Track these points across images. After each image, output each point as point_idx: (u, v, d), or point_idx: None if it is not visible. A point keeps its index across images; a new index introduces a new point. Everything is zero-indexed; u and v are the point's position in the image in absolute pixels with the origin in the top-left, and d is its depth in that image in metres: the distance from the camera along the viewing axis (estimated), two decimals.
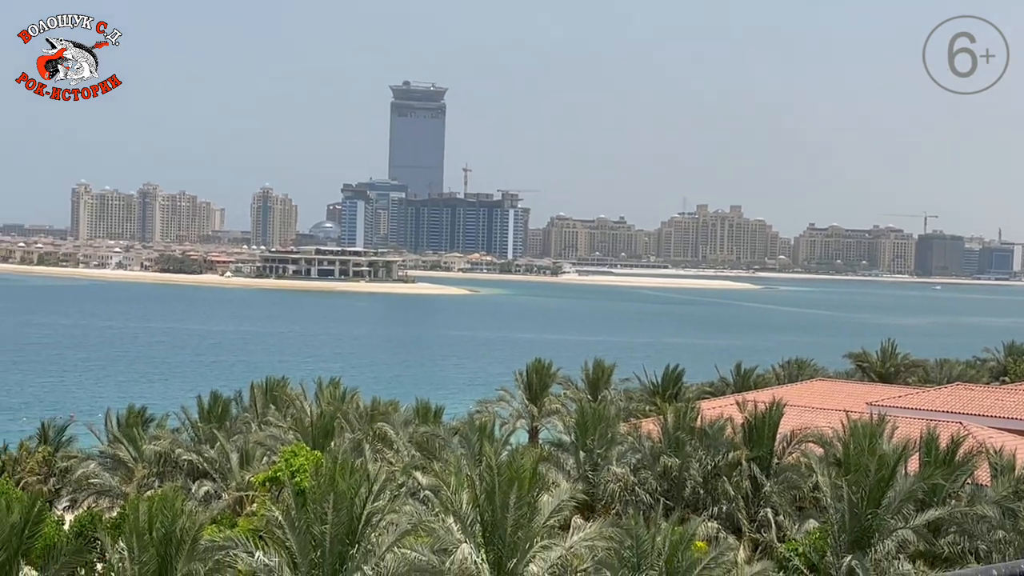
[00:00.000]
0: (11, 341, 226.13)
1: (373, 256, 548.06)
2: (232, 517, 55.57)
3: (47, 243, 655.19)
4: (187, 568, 34.22)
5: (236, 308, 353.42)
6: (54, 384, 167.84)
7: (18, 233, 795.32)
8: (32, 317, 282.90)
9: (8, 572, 30.25)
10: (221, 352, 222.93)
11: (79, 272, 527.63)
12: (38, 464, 72.43)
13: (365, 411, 74.74)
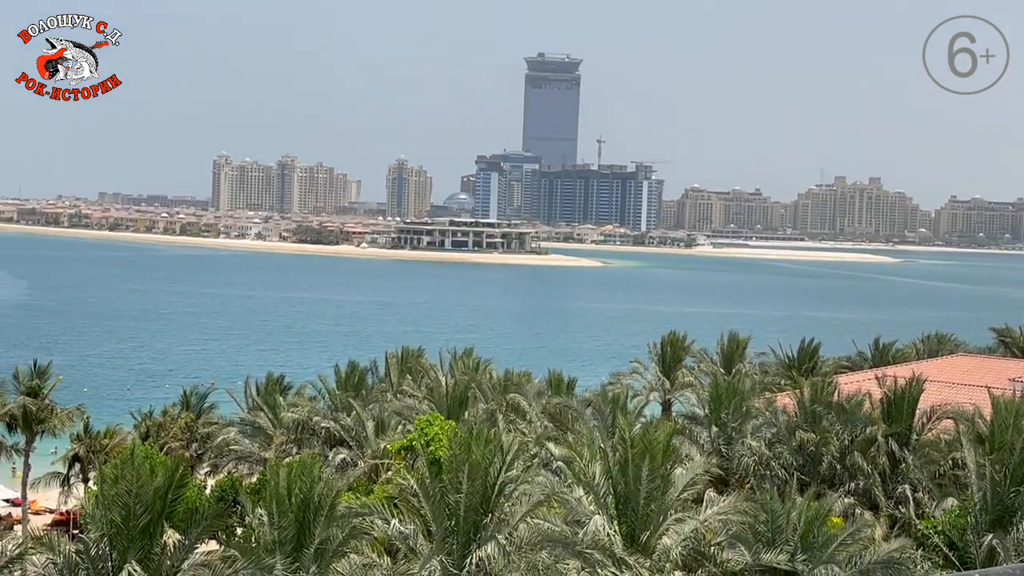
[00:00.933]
0: (155, 310, 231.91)
1: (506, 227, 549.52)
2: (367, 484, 56.31)
3: (189, 214, 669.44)
4: (325, 534, 34.75)
5: (372, 279, 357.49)
6: (196, 352, 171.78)
7: (161, 204, 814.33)
8: (175, 287, 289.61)
9: (152, 534, 31.03)
10: (358, 322, 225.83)
11: (219, 242, 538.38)
12: (181, 430, 74.27)
13: (498, 382, 75.14)
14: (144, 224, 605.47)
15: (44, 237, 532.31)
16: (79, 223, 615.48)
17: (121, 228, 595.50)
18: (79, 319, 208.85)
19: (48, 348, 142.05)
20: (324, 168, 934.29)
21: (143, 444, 62.42)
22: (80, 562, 31.74)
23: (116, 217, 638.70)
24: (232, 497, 61.14)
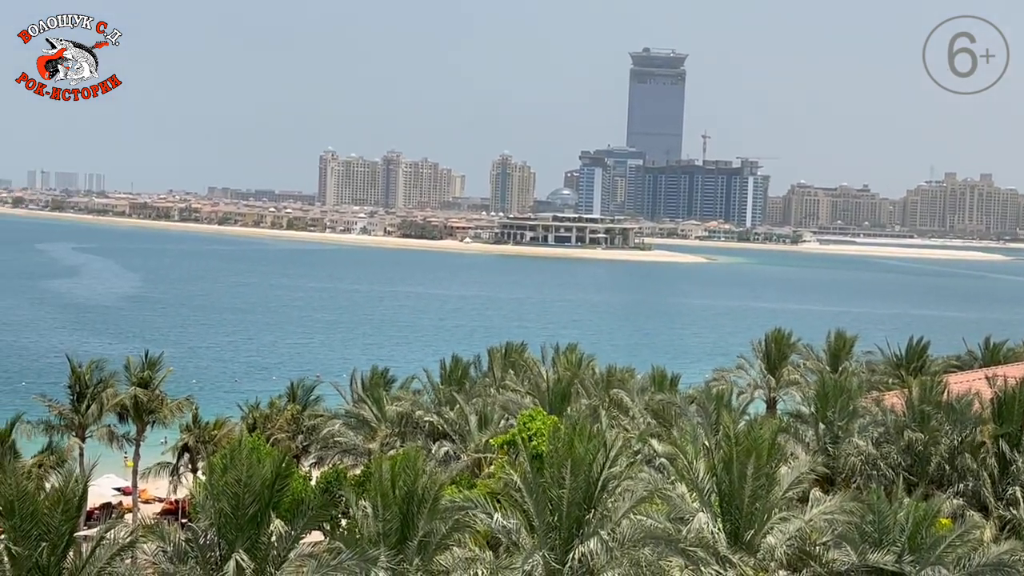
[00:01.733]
0: (263, 303, 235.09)
1: (610, 223, 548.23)
2: (470, 478, 56.52)
3: (296, 208, 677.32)
4: (428, 526, 34.95)
5: (475, 274, 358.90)
6: (303, 345, 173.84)
7: (269, 199, 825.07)
8: (283, 280, 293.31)
9: (260, 524, 31.46)
10: (461, 317, 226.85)
11: (325, 237, 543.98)
12: (287, 422, 75.14)
13: (601, 377, 74.97)
14: (252, 218, 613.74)
15: (155, 231, 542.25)
16: (189, 217, 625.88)
17: (230, 222, 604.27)
18: (189, 312, 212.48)
19: (159, 340, 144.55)
20: (429, 163, 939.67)
21: (250, 435, 63.31)
22: (189, 550, 32.29)
23: (225, 211, 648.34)
24: (336, 489, 61.74)
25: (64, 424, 72.75)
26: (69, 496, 27.87)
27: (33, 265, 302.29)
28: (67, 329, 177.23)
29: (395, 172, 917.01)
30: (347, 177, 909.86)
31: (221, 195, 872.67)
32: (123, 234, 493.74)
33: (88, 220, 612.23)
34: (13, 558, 26.87)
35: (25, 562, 27.05)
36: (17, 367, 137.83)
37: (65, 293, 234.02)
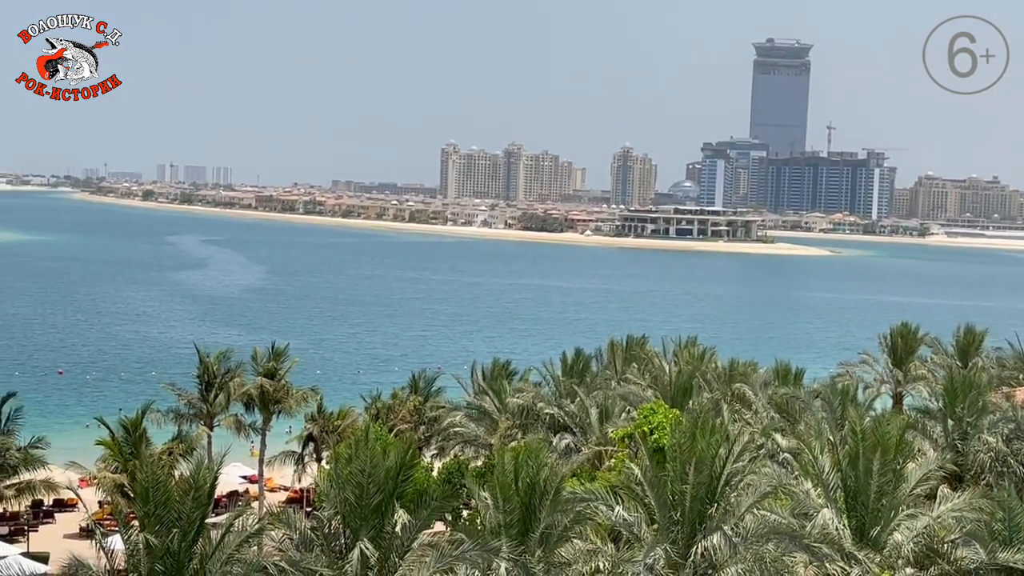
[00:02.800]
0: (386, 295, 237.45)
1: (732, 216, 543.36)
2: (591, 471, 56.47)
3: (418, 201, 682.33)
4: (550, 518, 35.00)
5: (596, 266, 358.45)
6: (425, 337, 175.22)
7: (391, 192, 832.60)
8: (406, 273, 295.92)
9: (384, 513, 31.80)
10: (583, 309, 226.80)
11: (447, 229, 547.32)
12: (409, 413, 75.79)
13: (723, 371, 74.43)
14: (375, 211, 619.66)
15: (280, 223, 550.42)
16: (313, 210, 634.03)
17: (353, 215, 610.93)
18: (314, 304, 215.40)
19: (284, 331, 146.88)
20: (549, 156, 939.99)
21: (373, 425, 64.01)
22: (315, 538, 32.76)
23: (348, 204, 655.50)
24: (458, 480, 62.15)
25: (193, 413, 74.30)
26: (200, 484, 28.46)
27: (163, 257, 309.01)
28: (195, 320, 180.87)
29: (516, 165, 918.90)
30: (468, 170, 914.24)
31: (345, 188, 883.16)
32: (249, 226, 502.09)
33: (215, 213, 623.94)
34: (148, 544, 27.53)
35: (158, 548, 27.70)
36: (148, 357, 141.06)
37: (194, 285, 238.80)
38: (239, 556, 29.62)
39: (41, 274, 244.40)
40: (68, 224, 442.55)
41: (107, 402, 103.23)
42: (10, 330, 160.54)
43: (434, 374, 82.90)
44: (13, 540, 66.23)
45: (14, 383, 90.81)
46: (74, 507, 76.49)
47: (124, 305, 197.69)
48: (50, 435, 68.96)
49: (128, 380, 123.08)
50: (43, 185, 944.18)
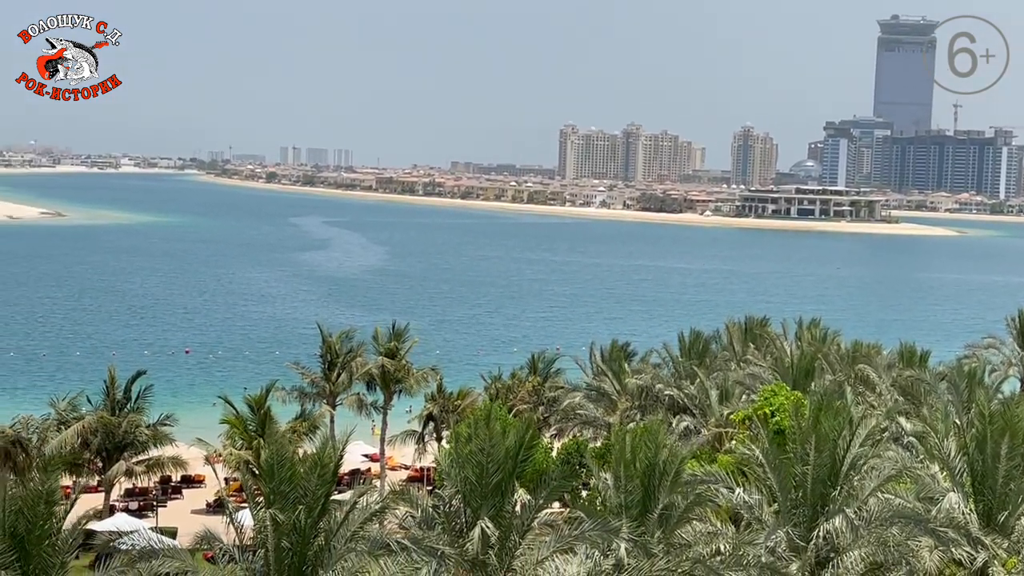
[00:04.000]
0: (505, 276, 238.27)
1: (855, 195, 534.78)
2: (711, 452, 56.23)
3: (536, 182, 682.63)
4: (668, 499, 34.92)
5: (716, 247, 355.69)
6: (544, 318, 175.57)
7: (510, 173, 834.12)
8: (525, 254, 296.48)
9: (504, 492, 31.99)
10: (703, 291, 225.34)
11: (565, 210, 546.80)
12: (528, 393, 76.11)
13: (846, 353, 73.51)
14: (493, 192, 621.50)
15: (400, 205, 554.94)
16: (432, 191, 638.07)
17: (472, 196, 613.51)
18: (434, 285, 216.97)
19: (405, 312, 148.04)
20: (669, 136, 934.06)
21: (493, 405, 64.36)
22: (436, 516, 33.09)
23: (467, 186, 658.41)
24: (577, 460, 62.29)
25: (316, 392, 75.50)
26: (325, 461, 28.91)
27: (287, 239, 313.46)
28: (318, 300, 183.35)
29: (635, 145, 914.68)
30: (587, 151, 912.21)
31: (463, 169, 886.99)
32: (369, 208, 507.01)
33: (336, 194, 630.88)
34: (274, 520, 28.05)
35: (284, 524, 28.21)
36: (272, 336, 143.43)
37: (316, 266, 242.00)
38: (363, 533, 30.05)
39: (169, 255, 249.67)
40: (194, 206, 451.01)
41: (232, 381, 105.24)
42: (141, 310, 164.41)
43: (553, 355, 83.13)
44: (143, 515, 67.94)
45: (143, 362, 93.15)
46: (201, 483, 78.23)
47: (249, 286, 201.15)
48: (178, 413, 70.65)
49: (253, 359, 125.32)
50: (170, 168, 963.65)
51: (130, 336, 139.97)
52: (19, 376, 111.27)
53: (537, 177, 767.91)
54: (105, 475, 65.50)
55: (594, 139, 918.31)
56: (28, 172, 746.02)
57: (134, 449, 66.01)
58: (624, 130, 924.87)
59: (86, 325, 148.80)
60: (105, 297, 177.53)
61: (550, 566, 31.55)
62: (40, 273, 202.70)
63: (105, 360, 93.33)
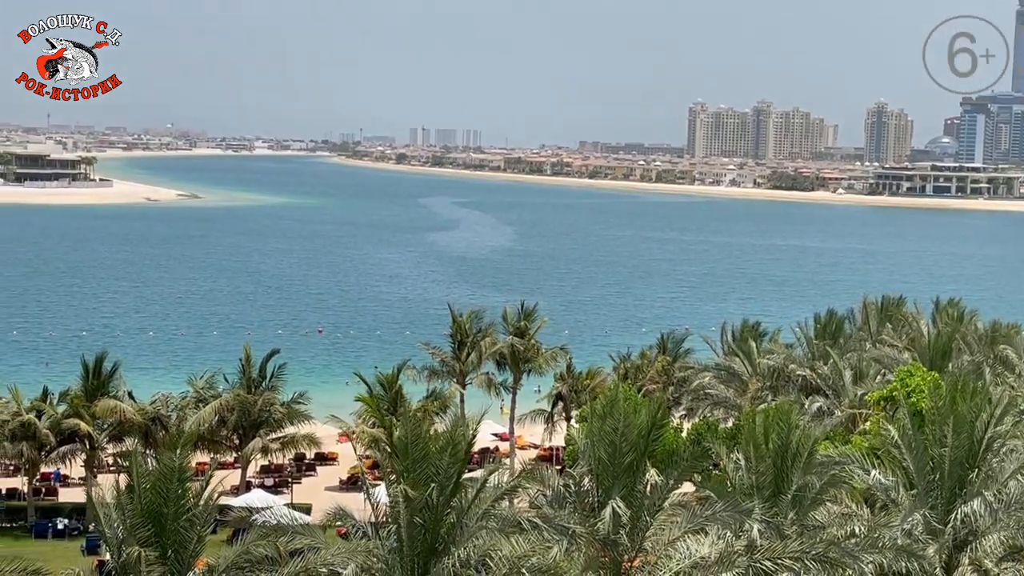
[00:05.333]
0: (634, 256, 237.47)
1: (993, 172, 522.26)
2: (845, 434, 55.44)
3: (665, 161, 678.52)
4: (802, 480, 34.49)
5: (850, 225, 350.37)
6: (673, 298, 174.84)
7: (638, 152, 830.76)
8: (655, 233, 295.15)
9: (635, 472, 31.89)
10: (837, 270, 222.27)
11: (694, 189, 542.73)
12: (658, 373, 75.83)
13: (985, 333, 71.93)
14: (622, 172, 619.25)
15: (528, 185, 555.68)
16: (560, 171, 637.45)
17: (600, 176, 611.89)
18: (563, 264, 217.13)
19: (534, 292, 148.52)
20: (800, 113, 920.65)
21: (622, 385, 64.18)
22: (567, 496, 33.13)
23: (595, 165, 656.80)
24: (707, 441, 61.85)
25: (446, 371, 76.13)
26: (458, 440, 29.09)
27: (417, 219, 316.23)
28: (448, 280, 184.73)
29: (765, 123, 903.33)
30: (716, 129, 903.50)
31: (591, 149, 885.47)
32: (498, 188, 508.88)
33: (465, 175, 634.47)
34: (407, 497, 28.31)
35: (416, 501, 28.46)
36: (403, 316, 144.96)
37: (446, 246, 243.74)
38: (493, 511, 30.20)
39: (302, 236, 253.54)
40: (326, 188, 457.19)
41: (364, 360, 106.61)
42: (275, 291, 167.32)
43: (682, 335, 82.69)
44: (278, 491, 69.22)
45: (277, 340, 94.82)
46: (334, 461, 79.46)
47: (380, 266, 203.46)
48: (311, 391, 71.86)
49: (384, 339, 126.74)
50: (302, 150, 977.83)
51: (264, 316, 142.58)
52: (158, 356, 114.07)
53: (666, 156, 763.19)
54: (241, 452, 66.92)
55: (724, 117, 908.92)
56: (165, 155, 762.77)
57: (269, 426, 67.32)
58: (754, 107, 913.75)
59: (222, 305, 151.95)
60: (240, 278, 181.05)
61: (681, 546, 31.38)
62: (177, 254, 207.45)
63: (241, 339, 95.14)
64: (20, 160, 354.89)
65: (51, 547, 59.03)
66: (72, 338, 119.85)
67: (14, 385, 68.81)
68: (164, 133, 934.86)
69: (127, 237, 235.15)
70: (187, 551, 28.03)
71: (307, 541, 29.90)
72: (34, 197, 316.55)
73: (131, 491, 27.94)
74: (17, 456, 64.66)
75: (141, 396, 68.34)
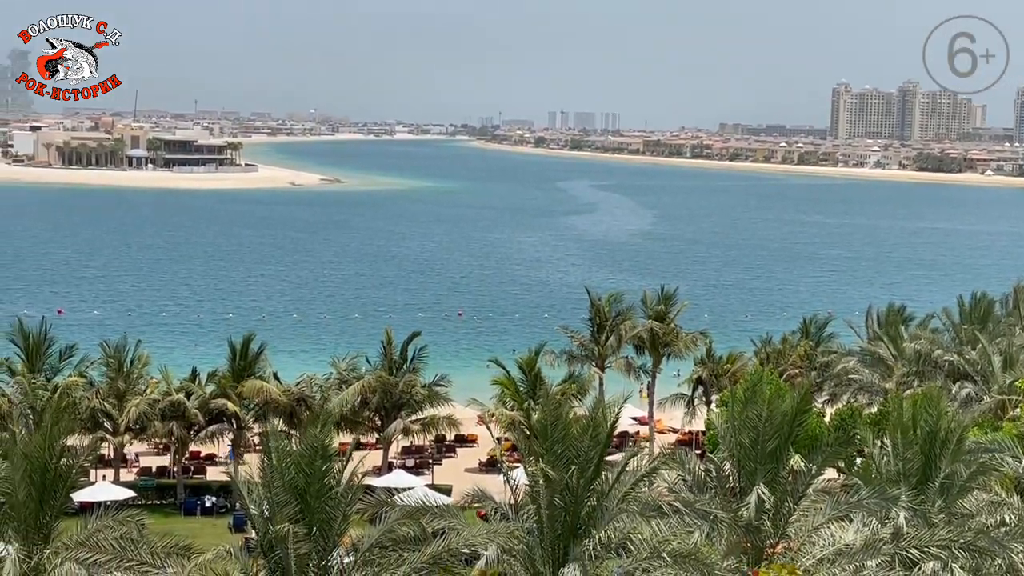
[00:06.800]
0: (777, 239, 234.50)
1: None
2: (994, 420, 54.16)
3: (807, 143, 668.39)
4: (950, 467, 33.78)
5: (1000, 208, 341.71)
6: (816, 282, 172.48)
7: (780, 134, 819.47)
8: (797, 216, 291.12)
9: (779, 458, 31.53)
10: (986, 254, 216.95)
11: (837, 171, 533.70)
12: (800, 358, 74.87)
13: None
14: (762, 154, 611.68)
15: (667, 167, 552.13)
16: (700, 154, 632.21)
17: (740, 158, 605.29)
18: (703, 248, 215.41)
19: (674, 275, 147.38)
20: (947, 93, 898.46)
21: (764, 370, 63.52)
22: (708, 481, 32.89)
23: (735, 147, 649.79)
24: (851, 427, 60.93)
25: (585, 355, 76.13)
26: (599, 423, 29.07)
27: (555, 203, 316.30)
28: (586, 263, 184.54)
29: (911, 103, 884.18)
30: (860, 110, 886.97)
31: (732, 131, 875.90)
32: (636, 171, 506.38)
33: (603, 158, 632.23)
34: (547, 479, 28.38)
35: (557, 483, 28.51)
36: (541, 299, 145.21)
37: (584, 229, 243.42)
38: (634, 494, 30.10)
39: (443, 220, 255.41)
40: (465, 171, 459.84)
41: (503, 343, 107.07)
42: (416, 274, 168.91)
43: (825, 319, 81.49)
44: (419, 472, 69.93)
45: (418, 324, 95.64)
46: (474, 443, 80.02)
47: (519, 250, 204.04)
48: (451, 374, 72.41)
49: (522, 323, 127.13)
50: (441, 134, 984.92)
51: (405, 299, 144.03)
52: (303, 338, 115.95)
53: (808, 138, 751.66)
54: (383, 433, 67.78)
55: (868, 97, 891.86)
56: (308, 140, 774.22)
57: (410, 408, 68.07)
58: (900, 88, 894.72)
59: (364, 289, 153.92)
60: (382, 262, 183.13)
61: (825, 533, 30.99)
62: (321, 239, 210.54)
63: (382, 322, 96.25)
64: (169, 146, 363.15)
65: (199, 524, 60.52)
66: (219, 321, 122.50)
67: (164, 366, 70.74)
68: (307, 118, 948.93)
69: (272, 221, 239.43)
70: (332, 529, 28.44)
71: (449, 522, 30.13)
72: (182, 182, 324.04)
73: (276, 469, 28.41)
74: (167, 435, 66.38)
75: (286, 377, 69.57)
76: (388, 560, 29.08)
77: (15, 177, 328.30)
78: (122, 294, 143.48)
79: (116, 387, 65.27)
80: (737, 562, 30.77)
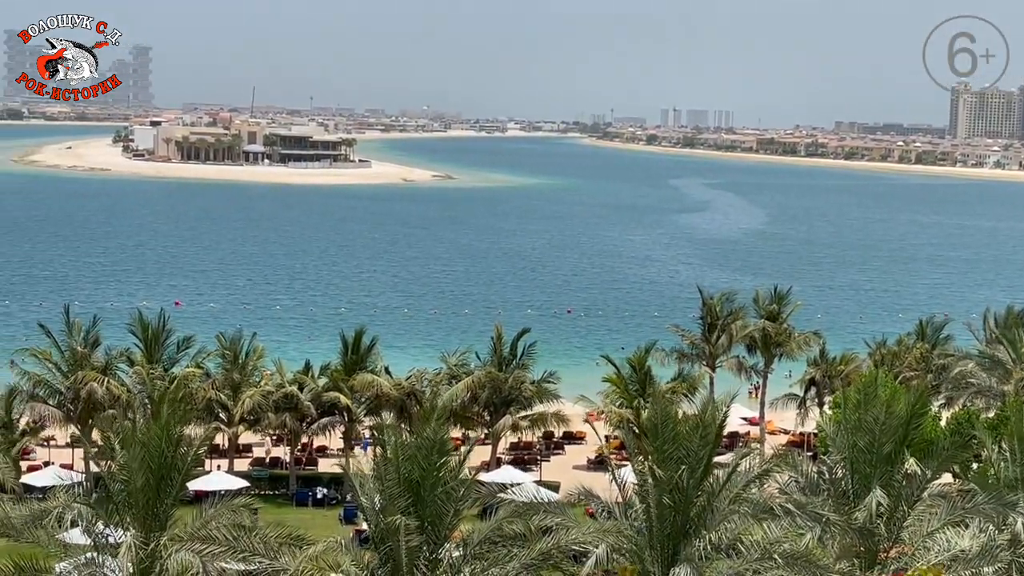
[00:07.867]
0: (893, 240, 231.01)
1: None
2: None
3: (925, 142, 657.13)
4: None
5: None
6: (933, 283, 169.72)
7: (897, 132, 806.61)
8: (914, 216, 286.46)
9: (894, 461, 31.08)
10: None
11: (955, 171, 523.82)
12: (915, 360, 73.66)
13: None
14: (879, 153, 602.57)
15: (781, 166, 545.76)
16: (815, 152, 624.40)
17: (856, 157, 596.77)
18: (817, 248, 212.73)
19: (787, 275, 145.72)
20: None
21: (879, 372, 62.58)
22: (821, 483, 32.49)
23: (851, 146, 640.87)
24: (968, 431, 59.75)
25: (695, 353, 75.75)
26: (708, 422, 28.89)
27: (666, 201, 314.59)
28: (698, 262, 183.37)
29: None
30: (980, 109, 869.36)
31: (848, 129, 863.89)
32: (749, 169, 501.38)
33: (716, 156, 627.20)
34: (656, 478, 28.29)
35: (666, 483, 28.40)
36: (651, 298, 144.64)
37: (696, 228, 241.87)
38: (744, 496, 29.85)
39: (554, 217, 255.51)
40: (577, 169, 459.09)
41: (612, 341, 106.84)
42: (527, 271, 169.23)
43: (942, 321, 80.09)
44: (527, 468, 70.07)
45: (528, 320, 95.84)
46: (582, 440, 79.97)
47: (629, 247, 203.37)
48: (560, 371, 72.44)
49: (632, 321, 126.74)
50: (553, 131, 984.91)
51: (516, 296, 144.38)
52: (413, 333, 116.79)
53: (926, 137, 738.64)
54: (492, 428, 68.04)
55: (988, 97, 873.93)
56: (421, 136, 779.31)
57: (519, 404, 68.25)
58: (1021, 87, 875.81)
59: (475, 285, 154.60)
60: (492, 258, 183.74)
61: (940, 538, 30.47)
62: (432, 235, 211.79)
63: (492, 319, 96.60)
64: (284, 141, 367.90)
65: (311, 515, 61.29)
66: (332, 315, 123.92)
67: (279, 359, 71.82)
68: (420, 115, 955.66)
69: (384, 217, 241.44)
70: (443, 522, 28.60)
71: (558, 520, 30.14)
72: (297, 177, 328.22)
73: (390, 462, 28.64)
74: (280, 426, 67.36)
75: (396, 371, 70.19)
76: (497, 555, 29.17)
77: (137, 171, 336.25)
78: (238, 288, 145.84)
79: (231, 378, 66.39)
80: (850, 566, 30.38)
